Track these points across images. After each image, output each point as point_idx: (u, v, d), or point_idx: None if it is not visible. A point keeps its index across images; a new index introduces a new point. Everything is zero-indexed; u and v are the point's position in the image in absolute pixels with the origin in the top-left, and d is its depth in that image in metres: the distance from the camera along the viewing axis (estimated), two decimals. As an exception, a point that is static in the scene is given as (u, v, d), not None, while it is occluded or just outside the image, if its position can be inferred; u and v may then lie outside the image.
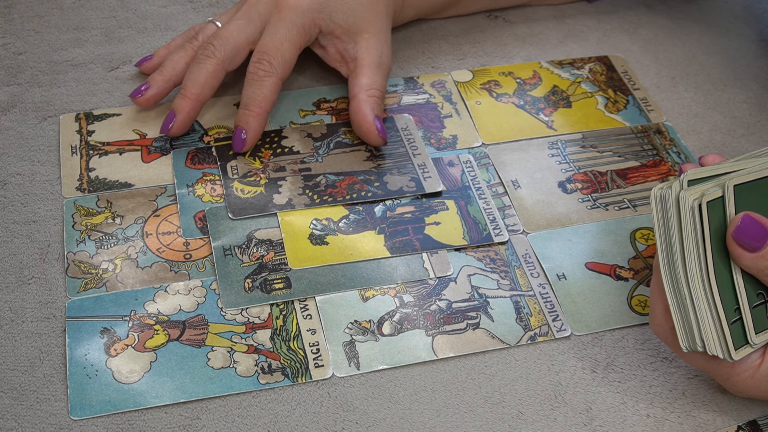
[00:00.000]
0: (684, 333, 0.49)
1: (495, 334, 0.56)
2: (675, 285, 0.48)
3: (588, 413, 0.52)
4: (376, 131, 0.64)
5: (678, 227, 0.47)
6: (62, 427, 0.50)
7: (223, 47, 0.64)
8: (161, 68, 0.66)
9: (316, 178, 0.63)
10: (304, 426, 0.51)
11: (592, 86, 0.72)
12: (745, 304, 0.48)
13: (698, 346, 0.48)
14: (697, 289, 0.47)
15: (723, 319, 0.47)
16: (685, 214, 0.46)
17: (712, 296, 0.47)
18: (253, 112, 0.64)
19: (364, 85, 0.65)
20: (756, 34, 0.79)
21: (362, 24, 0.66)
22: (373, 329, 0.55)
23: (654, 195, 0.48)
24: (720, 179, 0.47)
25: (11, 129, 0.66)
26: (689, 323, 0.48)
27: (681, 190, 0.47)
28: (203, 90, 0.64)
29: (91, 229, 0.60)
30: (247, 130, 0.64)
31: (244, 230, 0.60)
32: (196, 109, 0.64)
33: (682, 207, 0.46)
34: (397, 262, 0.59)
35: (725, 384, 0.51)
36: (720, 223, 0.47)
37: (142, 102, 0.66)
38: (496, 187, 0.64)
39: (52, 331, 0.54)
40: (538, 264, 0.59)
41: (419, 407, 0.52)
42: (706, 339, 0.48)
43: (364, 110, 0.64)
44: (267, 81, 0.64)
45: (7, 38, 0.74)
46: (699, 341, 0.48)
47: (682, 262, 0.47)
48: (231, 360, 0.53)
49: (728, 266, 0.47)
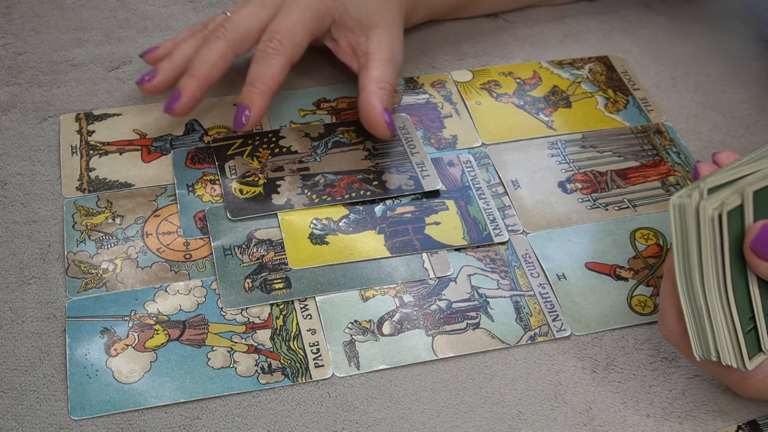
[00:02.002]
0: (698, 342, 0.48)
1: (495, 334, 0.56)
2: (691, 294, 0.47)
3: (588, 413, 0.52)
4: (385, 123, 0.63)
5: (696, 237, 0.46)
6: (62, 426, 0.50)
7: (234, 29, 0.62)
8: (170, 56, 0.65)
9: (315, 178, 0.63)
10: (304, 426, 0.51)
11: (592, 86, 0.72)
12: (760, 312, 0.47)
13: (712, 356, 0.48)
14: (713, 299, 0.46)
15: (738, 330, 0.46)
16: (705, 225, 0.45)
17: (728, 307, 0.46)
18: (258, 89, 0.61)
19: (374, 77, 0.64)
20: (756, 34, 0.79)
21: (375, 18, 0.65)
22: (373, 329, 0.55)
23: (672, 204, 0.46)
24: (739, 184, 0.46)
25: (11, 129, 0.66)
26: (704, 333, 0.47)
27: (701, 200, 0.45)
28: (211, 70, 0.62)
29: (91, 229, 0.60)
30: (250, 107, 0.61)
31: (244, 230, 0.60)
32: (202, 89, 0.62)
33: (702, 217, 0.45)
34: (397, 262, 0.59)
35: (736, 387, 0.51)
36: (738, 232, 0.46)
37: (148, 89, 0.64)
38: (496, 187, 0.64)
39: (53, 331, 0.54)
40: (538, 264, 0.59)
41: (419, 407, 0.52)
42: (721, 349, 0.47)
43: (373, 101, 0.63)
44: (276, 59, 0.62)
45: (7, 38, 0.74)
46: (714, 351, 0.47)
47: (699, 273, 0.46)
48: (231, 360, 0.53)
49: (744, 275, 0.47)
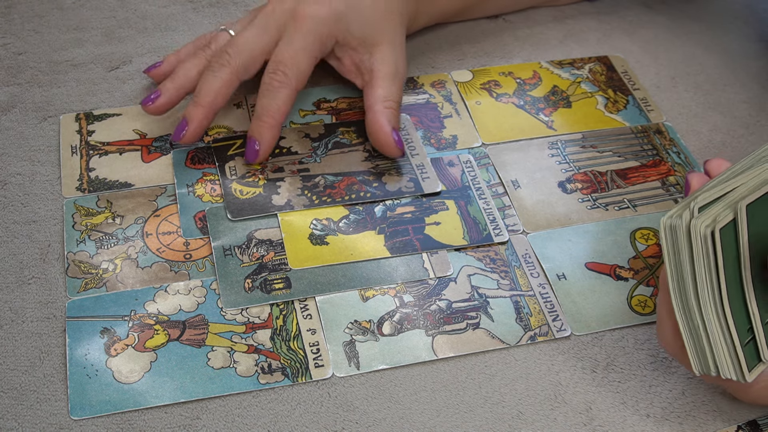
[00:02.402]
0: (697, 358, 0.48)
1: (495, 334, 0.56)
2: (687, 312, 0.47)
3: (588, 413, 0.52)
4: (394, 143, 0.63)
5: (689, 257, 0.46)
6: (62, 427, 0.50)
7: (237, 56, 0.63)
8: (173, 76, 0.65)
9: (315, 179, 0.63)
10: (304, 426, 0.51)
11: (592, 86, 0.72)
12: (758, 323, 0.47)
13: (712, 371, 0.47)
14: (710, 315, 0.46)
15: (737, 343, 0.46)
16: (697, 244, 0.45)
17: (725, 321, 0.46)
18: (267, 123, 0.63)
19: (380, 96, 0.64)
20: (756, 34, 0.79)
21: (378, 35, 0.65)
22: (373, 329, 0.55)
23: (663, 225, 0.46)
24: (729, 198, 0.46)
25: (11, 129, 0.66)
26: (702, 349, 0.47)
27: (692, 219, 0.45)
28: (216, 99, 0.63)
29: (91, 229, 0.60)
30: (260, 141, 0.63)
31: (244, 230, 0.60)
32: (208, 118, 0.63)
33: (694, 236, 0.45)
34: (397, 262, 0.59)
35: (738, 395, 0.51)
36: (732, 246, 0.46)
37: (152, 110, 0.64)
38: (496, 187, 0.64)
39: (52, 331, 0.54)
40: (538, 264, 0.59)
41: (419, 407, 0.52)
42: (720, 364, 0.47)
43: (381, 121, 0.63)
44: (281, 92, 0.63)
45: (7, 38, 0.74)
46: (713, 366, 0.47)
47: (694, 291, 0.46)
48: (231, 360, 0.53)
49: (740, 288, 0.46)
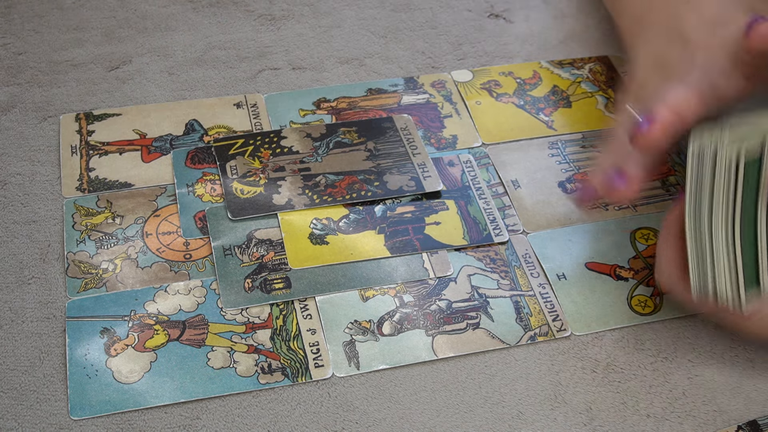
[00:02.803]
0: (698, 279, 0.49)
1: (495, 334, 0.56)
2: (698, 233, 0.48)
3: (588, 413, 0.52)
4: None
5: (711, 175, 0.47)
6: (62, 427, 0.50)
7: None
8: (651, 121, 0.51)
9: (316, 178, 0.63)
10: (304, 426, 0.51)
11: (592, 86, 0.72)
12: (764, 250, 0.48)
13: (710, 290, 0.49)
14: (719, 234, 0.47)
15: (739, 265, 0.48)
16: (721, 164, 0.46)
17: (733, 241, 0.47)
18: None
19: None
20: (756, 34, 0.79)
21: None
22: (373, 329, 0.55)
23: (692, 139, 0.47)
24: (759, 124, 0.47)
25: (11, 129, 0.66)
26: (704, 271, 0.49)
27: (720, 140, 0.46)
28: None
29: (91, 229, 0.60)
30: None
31: (244, 230, 0.60)
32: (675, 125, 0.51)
33: (719, 159, 0.46)
34: (397, 262, 0.59)
35: (736, 329, 0.51)
36: (754, 174, 0.47)
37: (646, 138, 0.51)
38: (496, 187, 0.64)
39: (52, 331, 0.54)
40: (538, 264, 0.59)
41: (419, 407, 0.52)
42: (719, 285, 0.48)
43: None
44: None
45: (7, 38, 0.74)
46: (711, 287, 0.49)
47: (709, 209, 0.47)
48: (231, 360, 0.53)
49: (754, 216, 0.48)
